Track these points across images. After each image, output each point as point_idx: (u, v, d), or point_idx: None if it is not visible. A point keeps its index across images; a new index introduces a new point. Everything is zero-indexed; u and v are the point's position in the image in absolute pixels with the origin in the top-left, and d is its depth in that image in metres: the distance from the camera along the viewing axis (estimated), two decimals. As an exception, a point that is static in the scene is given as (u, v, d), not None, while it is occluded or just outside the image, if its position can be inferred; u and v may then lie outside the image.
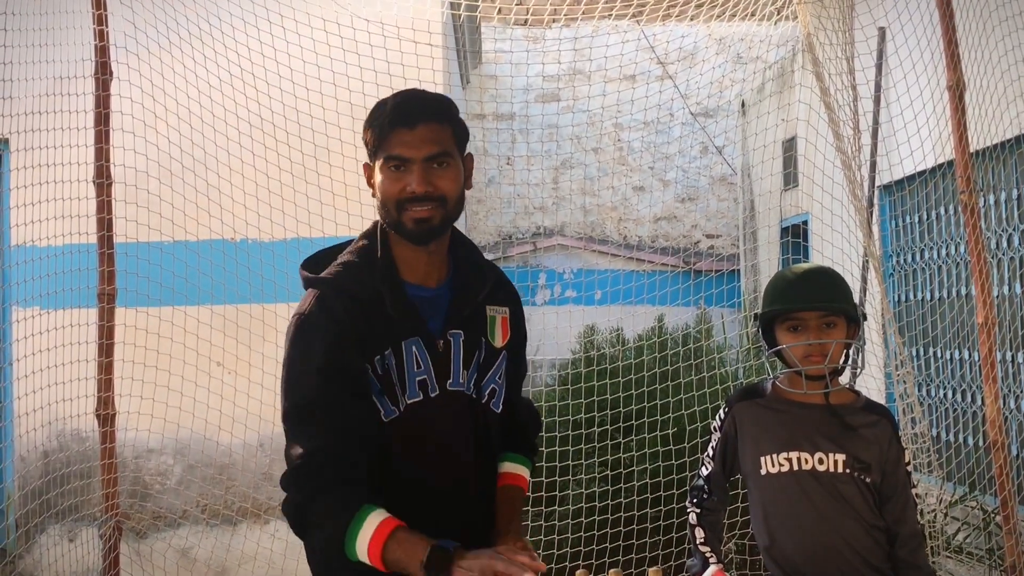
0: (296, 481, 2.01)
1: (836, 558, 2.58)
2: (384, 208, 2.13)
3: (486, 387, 2.24)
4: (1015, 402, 5.53)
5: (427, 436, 2.13)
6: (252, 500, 6.48)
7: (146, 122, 5.16)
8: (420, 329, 2.13)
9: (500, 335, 2.30)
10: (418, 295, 2.17)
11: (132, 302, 5.19)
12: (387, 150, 2.10)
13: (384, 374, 2.09)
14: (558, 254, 11.38)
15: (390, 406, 2.10)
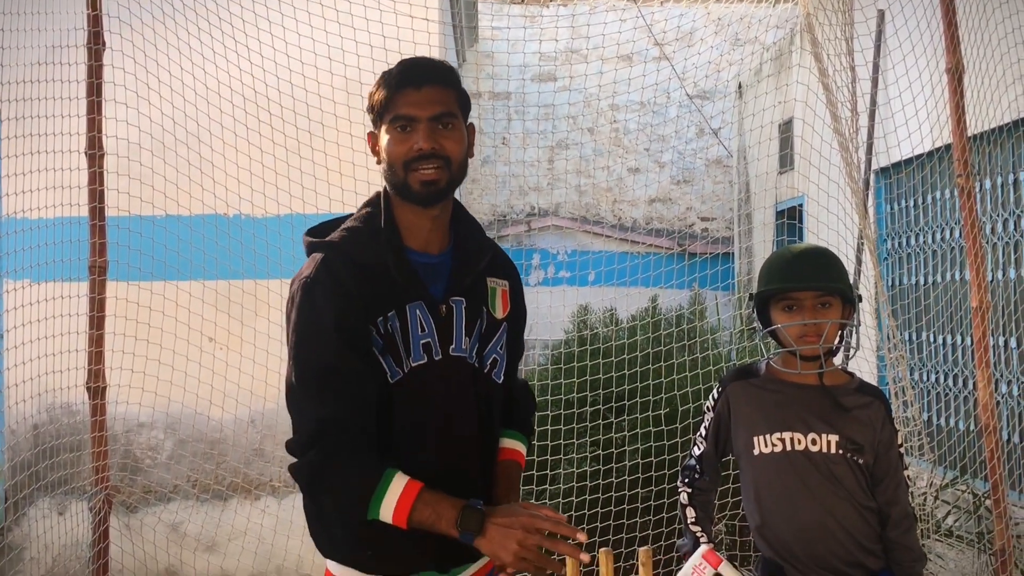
0: (314, 445, 2.01)
1: (828, 538, 2.58)
2: (391, 170, 2.15)
3: (488, 357, 2.25)
4: (1007, 387, 5.53)
5: (431, 400, 2.13)
6: (243, 475, 6.48)
7: (139, 94, 5.12)
8: (423, 294, 2.15)
9: (501, 307, 2.32)
10: (420, 261, 2.19)
11: (124, 276, 5.16)
12: (394, 111, 2.13)
13: (388, 335, 2.10)
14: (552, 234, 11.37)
15: (395, 367, 2.10)
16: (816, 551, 2.58)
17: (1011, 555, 3.87)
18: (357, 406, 2.03)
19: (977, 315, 3.96)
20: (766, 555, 2.69)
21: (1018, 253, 5.49)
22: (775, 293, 2.64)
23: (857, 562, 2.59)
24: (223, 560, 6.22)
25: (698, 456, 2.85)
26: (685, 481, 2.86)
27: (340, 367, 2.02)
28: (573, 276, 10.79)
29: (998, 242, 5.65)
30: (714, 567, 2.67)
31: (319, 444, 2.00)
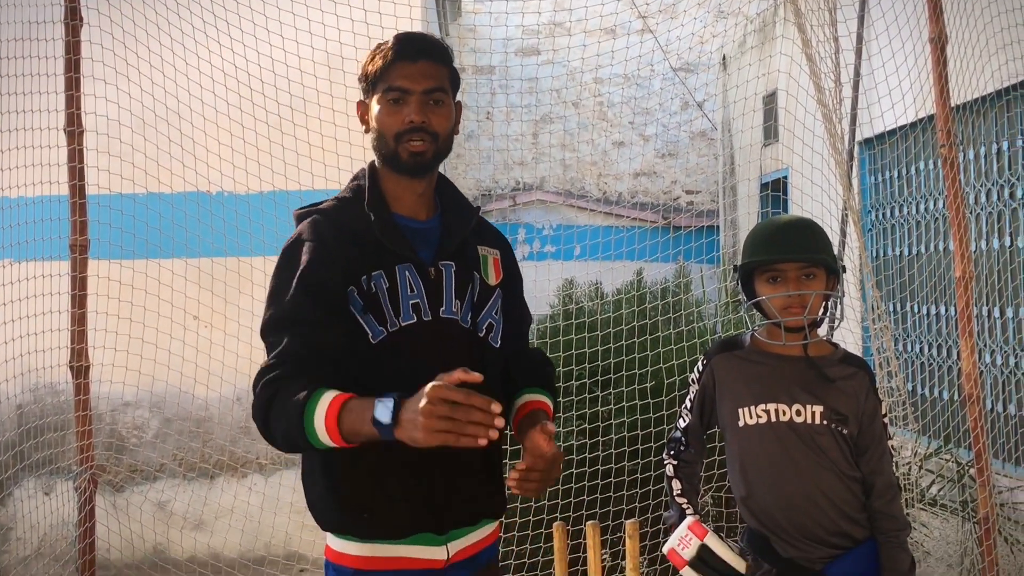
0: (262, 379, 2.02)
1: (813, 509, 2.59)
2: (380, 140, 2.21)
3: (483, 321, 2.27)
4: (990, 356, 5.56)
5: (421, 360, 2.11)
6: (229, 453, 6.47)
7: (117, 70, 5.06)
8: (412, 256, 2.19)
9: (493, 274, 2.35)
10: (409, 226, 2.24)
11: (106, 254, 5.13)
12: (387, 82, 2.18)
13: (371, 294, 2.12)
14: (537, 209, 11.35)
15: (377, 326, 2.12)
16: (801, 521, 2.59)
17: (994, 523, 3.90)
18: (307, 347, 2.03)
19: (960, 285, 3.96)
20: (752, 526, 2.70)
21: (1001, 223, 5.50)
22: (759, 265, 2.64)
23: (842, 532, 2.60)
24: (210, 538, 6.22)
25: (683, 428, 2.86)
26: (671, 453, 2.87)
27: (298, 316, 2.06)
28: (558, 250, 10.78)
29: (981, 212, 5.67)
30: (700, 538, 2.67)
31: (264, 379, 2.02)
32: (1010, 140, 5.42)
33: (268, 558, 5.97)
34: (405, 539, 2.12)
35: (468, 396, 1.78)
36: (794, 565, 2.60)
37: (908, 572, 2.59)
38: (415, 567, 2.13)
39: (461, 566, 2.20)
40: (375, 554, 2.12)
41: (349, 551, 2.14)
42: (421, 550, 2.14)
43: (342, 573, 2.15)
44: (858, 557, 2.60)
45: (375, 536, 2.12)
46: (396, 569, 2.13)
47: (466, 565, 2.21)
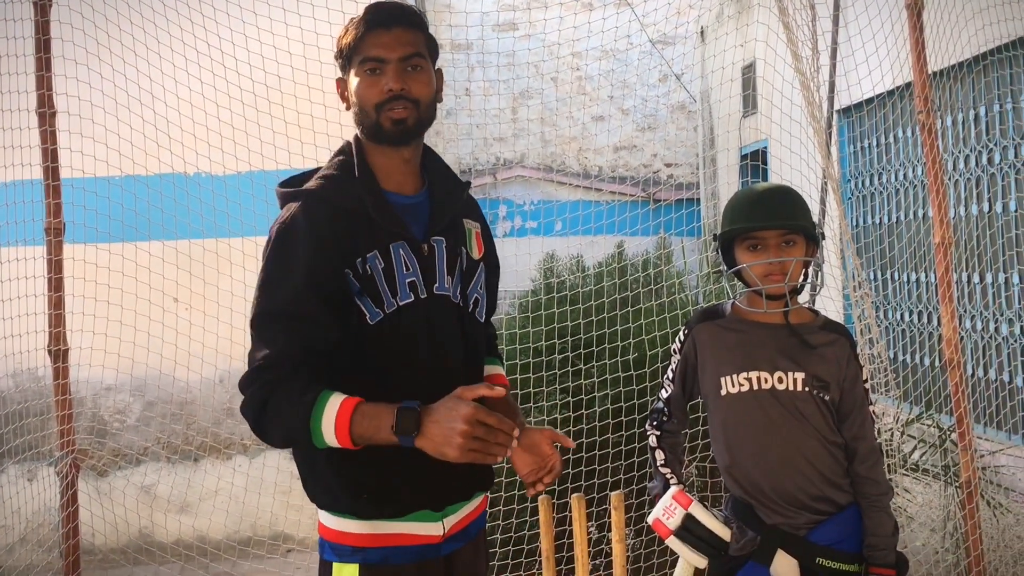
0: (257, 379, 2.00)
1: (796, 475, 2.60)
2: (361, 113, 2.17)
3: (471, 295, 2.27)
4: (970, 322, 5.59)
5: (417, 338, 2.14)
6: (213, 436, 6.45)
7: (88, 49, 4.98)
8: (405, 233, 2.16)
9: (476, 248, 2.34)
10: (399, 202, 2.20)
11: (83, 237, 5.07)
12: (363, 53, 2.15)
13: (367, 276, 2.10)
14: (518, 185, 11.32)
15: (374, 308, 2.10)
16: (785, 488, 2.60)
17: (976, 487, 3.92)
18: (304, 347, 2.02)
19: (940, 251, 3.97)
20: (736, 494, 2.71)
21: (979, 188, 5.52)
22: (739, 233, 2.63)
23: (825, 497, 2.61)
24: (195, 520, 6.21)
25: (666, 399, 2.86)
26: (653, 424, 2.87)
27: (296, 312, 2.02)
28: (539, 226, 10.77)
29: (960, 178, 5.68)
30: (685, 507, 2.68)
31: (260, 379, 2.00)
32: (987, 105, 5.42)
33: (255, 539, 5.96)
34: (404, 517, 2.13)
35: (500, 421, 1.88)
36: (778, 532, 2.61)
37: (891, 536, 2.60)
38: (414, 543, 2.15)
39: (455, 539, 2.22)
40: (374, 531, 2.12)
41: (347, 529, 2.14)
42: (420, 526, 2.15)
43: (340, 551, 2.15)
44: (841, 522, 2.62)
45: (374, 515, 2.12)
46: (395, 545, 2.13)
47: (459, 537, 2.23)
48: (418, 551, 2.15)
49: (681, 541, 2.68)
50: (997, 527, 4.62)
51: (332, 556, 2.16)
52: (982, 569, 3.87)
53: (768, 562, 2.61)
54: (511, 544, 4.66)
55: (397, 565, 2.13)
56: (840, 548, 2.60)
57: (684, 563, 2.75)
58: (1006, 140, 5.29)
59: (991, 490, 4.70)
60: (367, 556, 2.12)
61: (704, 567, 2.70)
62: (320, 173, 2.21)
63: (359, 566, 2.12)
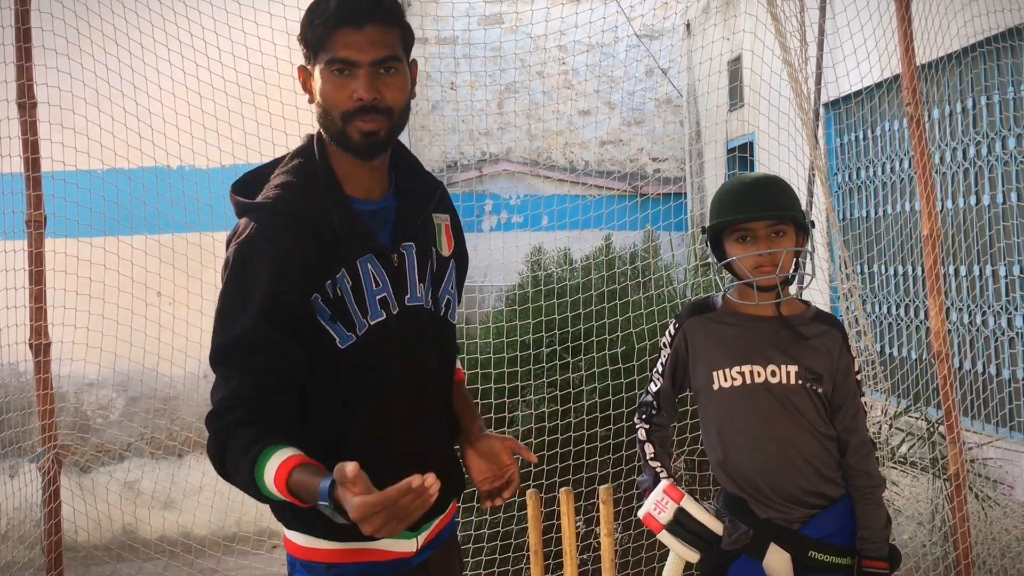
0: (213, 424, 1.88)
1: (790, 469, 2.58)
2: (326, 117, 1.97)
3: (442, 298, 2.15)
4: (957, 315, 5.59)
5: (391, 356, 2.02)
6: (197, 431, 6.40)
7: (69, 39, 4.92)
8: (372, 245, 2.00)
9: (446, 243, 2.20)
10: (365, 209, 2.03)
11: (65, 231, 5.01)
12: (331, 52, 1.93)
13: (337, 299, 1.96)
14: (504, 180, 11.28)
15: (345, 332, 1.97)
16: (779, 483, 2.58)
17: (964, 479, 3.92)
18: (257, 385, 1.87)
19: (928, 243, 3.96)
20: (729, 489, 2.67)
21: (967, 181, 5.51)
22: (728, 225, 2.60)
23: (818, 491, 2.59)
24: (180, 516, 6.16)
25: (655, 392, 2.82)
26: (643, 417, 2.83)
27: (254, 344, 1.87)
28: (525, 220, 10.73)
29: (947, 171, 5.67)
30: (676, 501, 2.65)
31: (215, 425, 1.88)
32: (976, 98, 5.42)
33: (239, 535, 5.92)
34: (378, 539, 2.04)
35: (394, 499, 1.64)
36: (771, 525, 2.59)
37: (883, 528, 2.59)
38: (388, 558, 2.07)
39: (428, 547, 2.16)
40: (347, 548, 2.03)
41: (318, 546, 2.05)
42: (395, 543, 2.07)
43: (313, 569, 2.05)
44: (834, 515, 2.60)
45: (347, 538, 2.00)
46: (369, 561, 2.06)
47: (432, 545, 2.17)
48: (391, 566, 2.08)
49: (673, 536, 2.65)
50: (985, 520, 4.61)
51: (304, 574, 2.07)
52: (970, 562, 3.86)
53: (761, 556, 2.58)
54: (499, 539, 4.63)
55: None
56: (833, 541, 2.58)
57: (675, 557, 2.72)
58: (994, 133, 5.29)
59: (979, 483, 4.70)
60: (341, 572, 2.04)
61: (696, 561, 2.67)
62: (278, 180, 2.01)
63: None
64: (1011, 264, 5.18)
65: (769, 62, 5.27)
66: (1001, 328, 5.28)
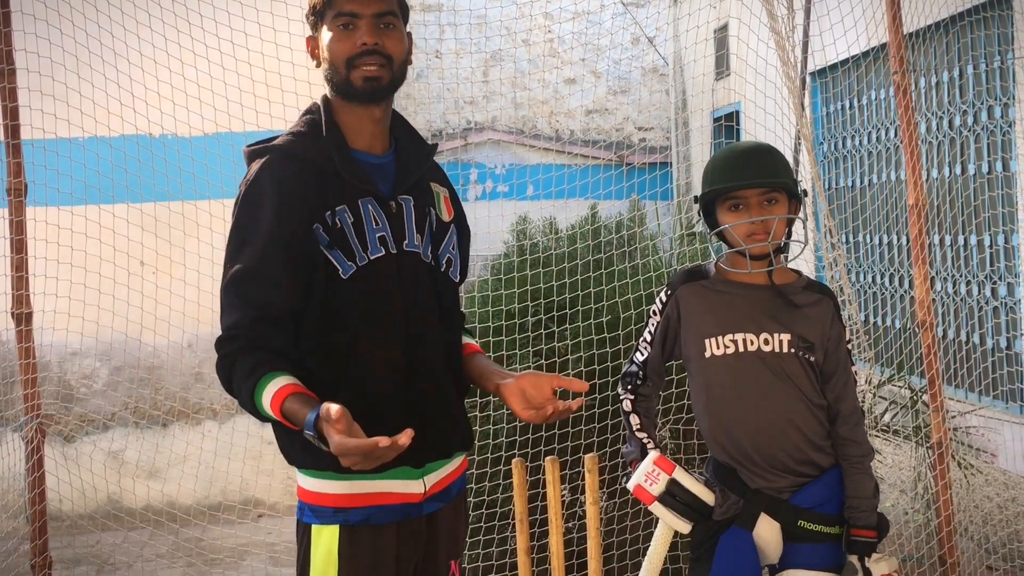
0: (221, 348, 2.07)
1: (781, 438, 2.58)
2: (332, 69, 2.16)
3: (443, 256, 2.27)
4: (941, 284, 5.61)
5: (390, 293, 2.14)
6: (182, 400, 6.39)
7: (47, 4, 4.84)
8: (372, 190, 2.16)
9: (446, 211, 2.33)
10: (367, 160, 2.20)
11: (46, 200, 4.96)
12: (336, 8, 2.13)
13: (337, 228, 2.10)
14: (489, 148, 11.24)
15: (346, 262, 2.10)
16: (770, 451, 2.58)
17: (947, 447, 3.94)
18: (256, 316, 2.05)
19: (914, 212, 3.96)
20: (719, 458, 2.67)
21: (954, 151, 5.51)
22: (720, 193, 2.59)
23: (808, 460, 2.60)
24: (165, 486, 6.15)
25: (641, 362, 2.80)
26: (628, 388, 2.82)
27: (257, 273, 2.05)
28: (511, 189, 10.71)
29: (933, 141, 5.67)
30: (668, 473, 2.65)
31: (223, 350, 2.06)
32: (962, 67, 5.41)
33: (225, 504, 5.92)
34: (384, 474, 2.09)
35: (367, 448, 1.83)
36: (761, 495, 2.59)
37: (872, 497, 2.60)
38: (395, 501, 2.13)
39: (436, 498, 2.21)
40: (354, 491, 2.10)
41: (327, 490, 2.11)
42: (400, 484, 2.14)
43: (321, 513, 2.12)
44: (823, 485, 2.61)
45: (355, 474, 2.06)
46: (376, 505, 2.12)
47: (440, 497, 2.22)
48: (400, 510, 2.14)
49: (665, 507, 2.65)
50: (967, 487, 4.65)
51: (312, 518, 2.14)
52: (952, 529, 3.89)
53: (751, 526, 2.59)
54: (484, 507, 4.64)
55: (378, 525, 2.12)
56: (822, 510, 2.59)
57: (664, 528, 2.72)
58: (980, 102, 5.28)
59: (961, 451, 4.74)
60: (348, 517, 2.11)
61: (687, 532, 2.68)
62: (288, 131, 2.21)
63: (340, 527, 2.11)
64: (996, 234, 5.20)
65: (756, 30, 5.24)
66: (985, 297, 5.30)
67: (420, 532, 2.18)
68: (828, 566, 2.59)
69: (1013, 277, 5.07)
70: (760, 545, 2.59)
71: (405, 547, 2.15)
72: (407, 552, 2.16)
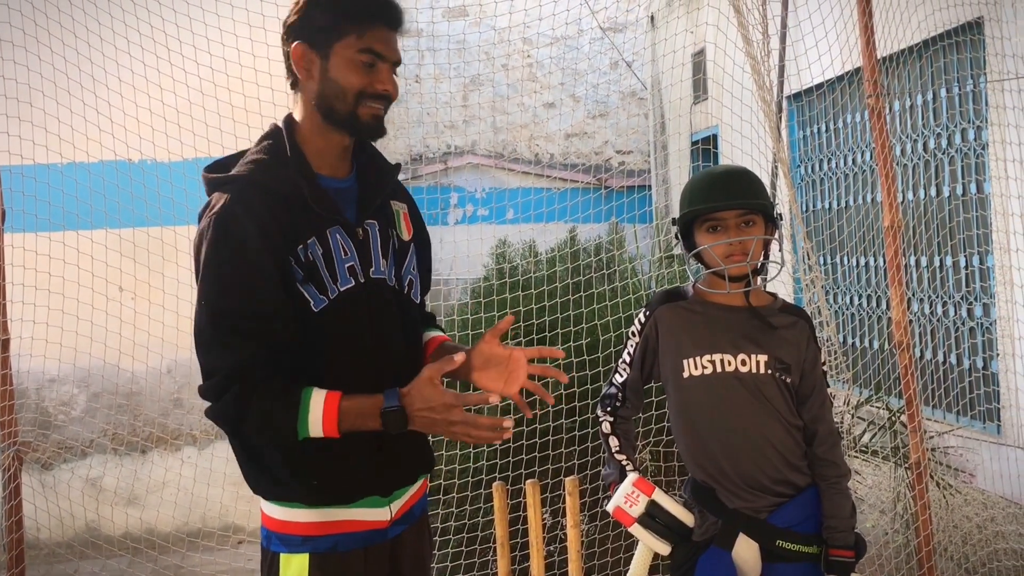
0: (230, 387, 1.98)
1: (758, 458, 2.60)
2: (337, 97, 2.09)
3: (405, 278, 2.26)
4: (918, 305, 5.65)
5: (361, 323, 2.13)
6: (161, 426, 6.35)
7: (26, 31, 4.85)
8: (340, 218, 2.13)
9: (405, 229, 2.32)
10: (332, 186, 2.16)
11: (23, 226, 4.94)
12: (365, 42, 2.08)
13: (309, 263, 2.07)
14: (469, 173, 11.25)
15: (318, 295, 2.07)
16: (747, 471, 2.60)
17: (926, 467, 3.96)
18: (270, 346, 2.01)
19: (889, 234, 3.99)
20: (697, 478, 2.68)
21: (928, 173, 5.57)
22: (698, 215, 2.62)
23: (786, 480, 2.61)
24: (143, 513, 6.10)
25: (620, 383, 2.81)
26: (607, 410, 2.82)
27: (258, 310, 2.00)
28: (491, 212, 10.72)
29: (908, 163, 5.73)
30: (647, 494, 2.66)
31: (234, 387, 1.98)
32: (936, 91, 5.47)
33: (204, 530, 5.87)
34: (352, 503, 2.11)
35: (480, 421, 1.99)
36: (739, 515, 2.60)
37: (850, 517, 2.62)
38: (362, 528, 2.14)
39: (400, 522, 2.21)
40: (322, 519, 2.11)
41: (295, 518, 2.11)
42: (368, 512, 2.14)
43: (289, 541, 2.12)
44: (800, 504, 2.62)
45: (324, 502, 2.10)
46: (344, 532, 2.12)
47: (404, 520, 2.23)
48: (365, 536, 2.14)
49: (645, 528, 2.66)
50: (946, 507, 4.67)
51: (280, 547, 2.13)
52: (931, 549, 3.90)
53: (730, 546, 2.60)
54: (465, 531, 4.63)
55: (345, 552, 2.12)
56: (799, 530, 2.61)
57: (644, 549, 2.73)
58: (954, 125, 5.35)
59: (940, 471, 4.76)
60: (317, 545, 2.10)
61: (667, 554, 2.68)
62: (248, 158, 2.13)
63: (309, 555, 2.10)
64: (971, 255, 5.25)
65: (732, 55, 5.30)
66: (961, 318, 5.35)
67: (386, 556, 2.18)
68: (806, 585, 2.60)
69: (988, 297, 5.12)
70: (739, 565, 2.60)
71: (372, 571, 2.15)
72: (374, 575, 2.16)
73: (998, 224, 4.88)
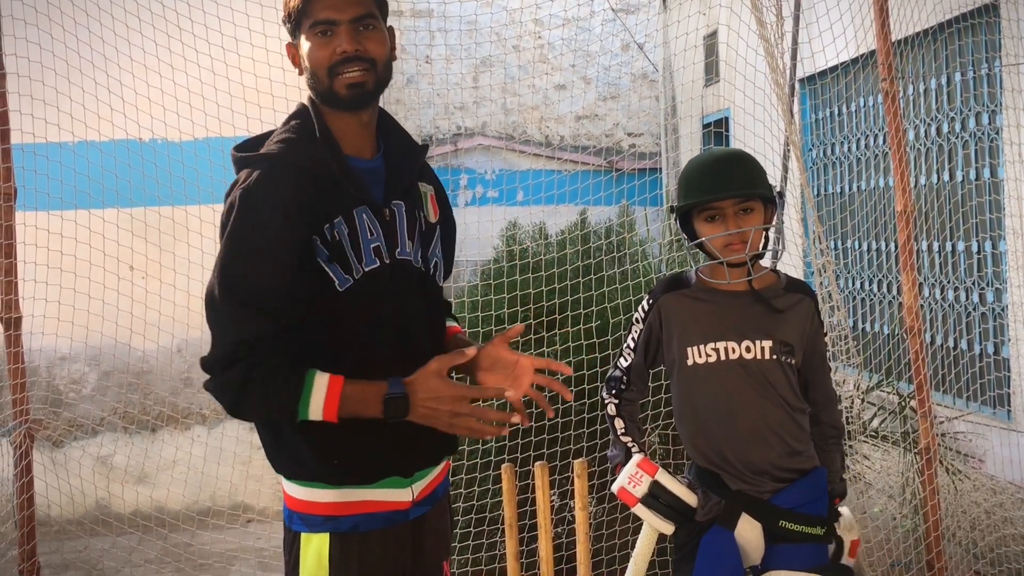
0: (234, 363, 1.99)
1: (761, 445, 2.61)
2: (314, 79, 2.12)
3: (431, 259, 2.25)
4: (929, 290, 5.63)
5: (385, 304, 2.12)
6: (171, 405, 6.38)
7: (38, 9, 4.84)
8: (367, 198, 2.13)
9: (432, 210, 2.31)
10: (359, 166, 2.16)
11: (35, 204, 4.95)
12: (312, 16, 2.08)
13: (335, 242, 2.07)
14: (479, 154, 11.23)
15: (343, 275, 2.07)
16: (750, 458, 2.61)
17: (935, 453, 3.96)
18: (279, 326, 2.02)
19: (902, 219, 3.98)
20: (700, 463, 2.69)
21: (941, 158, 5.54)
22: (696, 205, 2.61)
23: (788, 465, 2.63)
24: (153, 491, 6.14)
25: (625, 367, 2.82)
26: (612, 393, 2.83)
27: (270, 286, 2.00)
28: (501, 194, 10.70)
29: (921, 147, 5.70)
30: (651, 475, 2.67)
31: (238, 364, 1.99)
32: (950, 75, 5.44)
33: (214, 509, 5.91)
34: (374, 484, 2.12)
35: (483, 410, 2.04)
36: (742, 496, 2.62)
37: (841, 468, 2.77)
38: (383, 509, 2.14)
39: (422, 503, 2.22)
40: (344, 499, 2.11)
41: (316, 498, 2.11)
42: (390, 493, 2.14)
43: (310, 521, 2.12)
44: (803, 486, 2.64)
45: (344, 481, 2.10)
46: (365, 512, 2.12)
47: (426, 501, 2.23)
48: (387, 517, 2.14)
49: (648, 508, 2.67)
50: (955, 493, 4.67)
51: (301, 526, 2.13)
52: (940, 535, 3.91)
53: (733, 526, 2.61)
54: (473, 512, 4.65)
55: (366, 532, 2.12)
56: (803, 511, 2.62)
57: (648, 530, 2.74)
58: (967, 109, 5.31)
59: (949, 456, 4.75)
60: (338, 525, 2.11)
61: (670, 533, 2.70)
62: (277, 137, 2.14)
63: (330, 535, 2.10)
64: (983, 240, 5.22)
65: (745, 37, 5.26)
66: (973, 303, 5.33)
67: (407, 536, 2.18)
68: (810, 567, 2.61)
69: (1000, 283, 5.10)
70: (742, 545, 2.61)
71: (394, 552, 2.15)
72: (396, 557, 2.16)
73: (1011, 209, 4.85)
